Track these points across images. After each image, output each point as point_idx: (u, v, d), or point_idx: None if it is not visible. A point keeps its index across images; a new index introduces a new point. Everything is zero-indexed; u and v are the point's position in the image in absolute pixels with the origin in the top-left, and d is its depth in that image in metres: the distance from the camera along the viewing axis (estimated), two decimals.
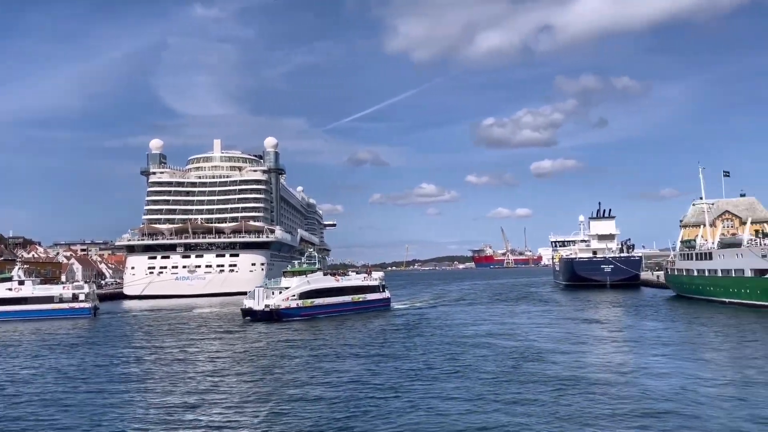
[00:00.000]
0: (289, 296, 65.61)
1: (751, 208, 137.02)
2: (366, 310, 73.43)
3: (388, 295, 79.54)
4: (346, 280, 75.37)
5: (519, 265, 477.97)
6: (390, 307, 78.21)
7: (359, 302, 73.61)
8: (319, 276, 71.66)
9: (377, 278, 79.33)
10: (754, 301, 68.24)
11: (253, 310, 64.97)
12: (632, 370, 33.45)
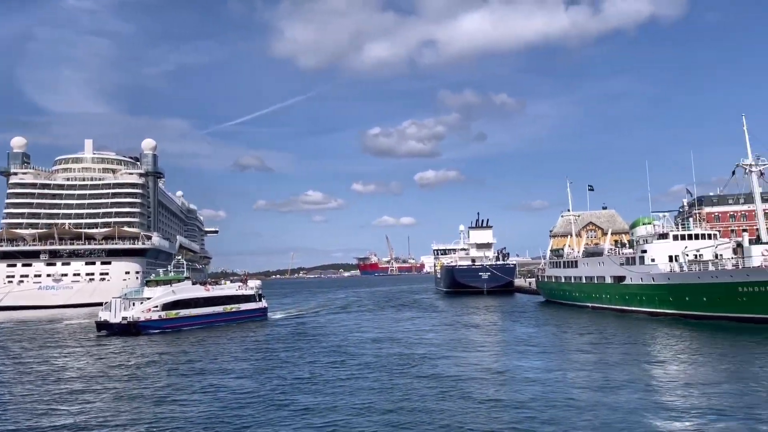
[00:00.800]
0: (151, 307, 60.73)
1: (611, 220, 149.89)
2: (240, 320, 69.91)
3: (265, 305, 76.82)
4: (217, 290, 71.59)
5: (403, 272, 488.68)
6: (267, 318, 75.81)
7: (232, 313, 69.83)
8: (187, 285, 67.80)
9: (253, 287, 76.36)
10: (613, 305, 74.67)
11: (108, 323, 59.79)
12: (506, 371, 35.34)
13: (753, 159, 59.85)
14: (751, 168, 59.69)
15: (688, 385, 29.89)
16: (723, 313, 55.55)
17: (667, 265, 64.97)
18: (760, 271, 52.41)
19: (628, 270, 71.16)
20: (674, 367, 35.45)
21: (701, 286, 58.43)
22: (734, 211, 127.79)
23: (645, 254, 68.45)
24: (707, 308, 57.66)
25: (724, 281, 55.60)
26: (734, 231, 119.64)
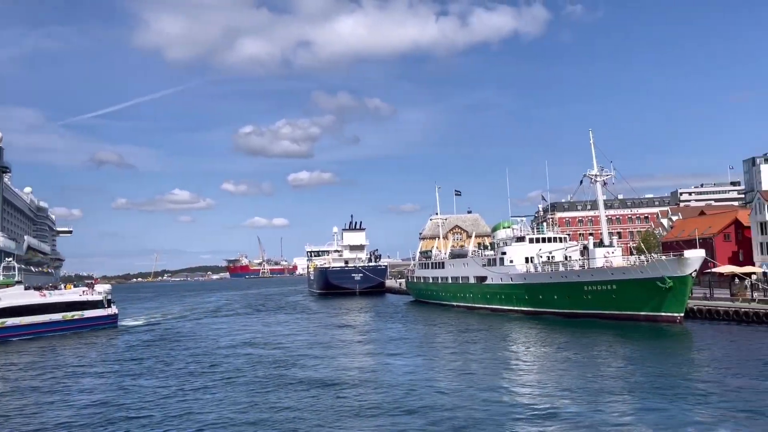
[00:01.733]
0: None
1: (476, 224, 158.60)
2: (83, 329, 64.19)
3: (115, 311, 70.58)
4: (56, 295, 65.47)
5: (275, 274, 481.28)
6: (117, 325, 70.00)
7: (73, 321, 63.89)
8: (18, 291, 61.72)
9: (102, 292, 69.88)
10: (476, 304, 79.23)
11: None
12: (378, 369, 36.48)
13: (598, 170, 66.38)
14: (596, 178, 66.18)
15: (541, 374, 32.76)
16: (571, 309, 61.02)
17: (524, 266, 70.12)
18: (603, 271, 58.27)
19: (489, 271, 75.85)
20: (528, 359, 38.59)
21: (553, 286, 63.78)
22: (582, 216, 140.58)
23: (504, 256, 73.35)
24: (558, 305, 63.05)
25: (572, 281, 61.13)
26: (582, 234, 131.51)
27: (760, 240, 78.71)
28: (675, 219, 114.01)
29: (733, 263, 77.18)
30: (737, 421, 22.49)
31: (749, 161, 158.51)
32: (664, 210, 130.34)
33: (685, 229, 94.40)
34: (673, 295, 51.79)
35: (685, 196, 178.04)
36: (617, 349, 41.03)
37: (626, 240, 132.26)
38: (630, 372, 32.80)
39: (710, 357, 36.64)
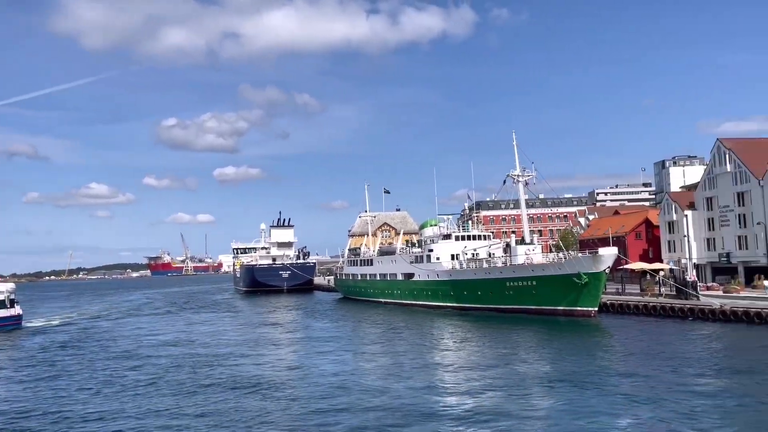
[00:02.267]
0: None
1: (404, 221, 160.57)
2: None
3: (19, 312, 66.82)
4: None
5: (199, 272, 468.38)
6: (21, 326, 66.14)
7: None
8: None
9: (3, 291, 65.83)
10: (403, 300, 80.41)
11: None
12: (307, 366, 36.49)
13: (520, 170, 68.91)
14: (519, 178, 68.68)
15: (466, 367, 33.83)
16: (495, 305, 63.08)
17: (449, 263, 71.81)
18: (524, 268, 60.56)
19: (416, 267, 77.16)
20: (453, 352, 39.73)
21: (477, 282, 65.69)
22: (506, 215, 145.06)
23: (431, 253, 74.84)
24: (482, 301, 65.00)
25: (495, 277, 63.20)
26: (506, 232, 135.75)
27: (668, 238, 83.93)
28: (591, 218, 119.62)
29: (643, 260, 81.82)
30: (646, 408, 24.11)
31: (659, 164, 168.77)
32: (581, 209, 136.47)
33: (600, 228, 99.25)
34: (588, 290, 54.53)
35: (601, 197, 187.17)
36: (536, 343, 42.86)
37: (547, 238, 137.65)
38: (548, 364, 34.39)
39: (622, 349, 38.94)
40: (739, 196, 72.07)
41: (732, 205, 72.88)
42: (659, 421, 22.25)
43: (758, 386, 27.10)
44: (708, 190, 77.01)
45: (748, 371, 30.14)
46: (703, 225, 77.73)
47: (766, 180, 67.68)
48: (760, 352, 35.45)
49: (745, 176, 70.93)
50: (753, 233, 69.70)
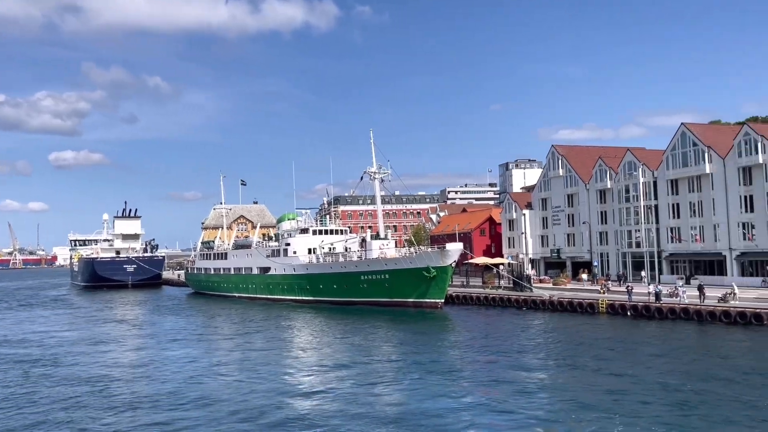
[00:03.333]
0: None
1: (261, 214, 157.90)
2: None
3: None
4: None
5: (29, 265, 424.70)
6: None
7: None
8: None
9: None
10: (259, 294, 79.39)
11: None
12: (153, 364, 34.95)
13: (377, 168, 70.97)
14: (375, 175, 70.72)
15: (320, 359, 34.48)
16: (350, 298, 64.48)
17: (306, 257, 72.14)
18: (378, 262, 62.56)
19: (273, 261, 76.55)
20: (308, 345, 40.22)
21: (333, 276, 66.72)
22: (363, 210, 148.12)
23: (288, 247, 74.66)
24: (338, 294, 66.14)
25: (350, 271, 64.60)
26: (363, 227, 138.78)
27: (508, 235, 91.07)
28: (442, 215, 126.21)
29: (487, 255, 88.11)
30: (485, 389, 26.26)
31: (503, 166, 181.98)
32: (433, 206, 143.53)
33: (450, 225, 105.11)
34: (436, 283, 57.68)
35: (452, 195, 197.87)
36: (388, 333, 44.66)
37: (401, 233, 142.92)
38: (398, 353, 36.09)
39: (464, 336, 41.84)
40: (569, 198, 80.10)
41: (563, 206, 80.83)
42: (496, 401, 24.37)
43: (578, 366, 30.60)
44: (543, 192, 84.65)
45: (572, 355, 33.86)
46: (539, 223, 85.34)
47: (591, 184, 75.88)
48: (579, 337, 39.90)
49: (574, 180, 78.98)
50: (579, 232, 77.87)
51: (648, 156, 71.52)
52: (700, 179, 62.43)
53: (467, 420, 21.83)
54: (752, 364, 29.65)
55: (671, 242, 65.50)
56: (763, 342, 35.91)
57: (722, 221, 59.98)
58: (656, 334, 40.04)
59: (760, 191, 56.79)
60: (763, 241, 56.35)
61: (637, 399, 23.76)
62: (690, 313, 44.13)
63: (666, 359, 31.54)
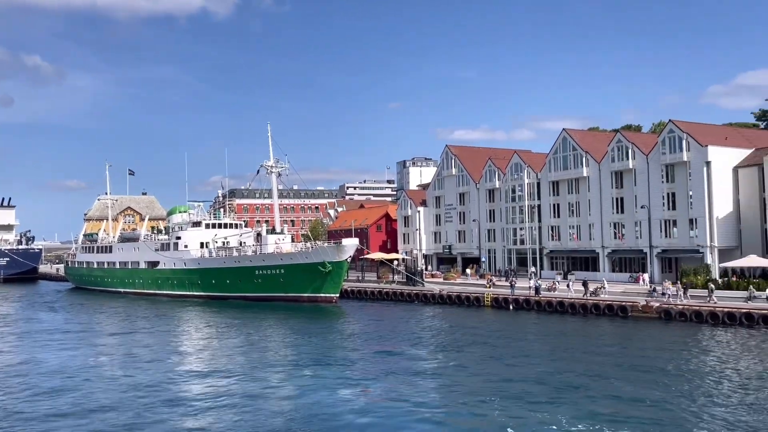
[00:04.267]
0: None
1: (151, 206, 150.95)
2: None
3: None
4: None
5: None
6: None
7: None
8: None
9: None
10: (147, 290, 76.07)
11: None
12: (28, 361, 32.77)
13: (274, 162, 70.16)
14: (272, 169, 69.89)
15: (212, 356, 33.86)
16: (244, 293, 63.45)
17: (198, 251, 70.09)
18: (273, 256, 62.02)
19: (162, 255, 73.68)
20: (199, 341, 39.28)
21: (226, 270, 65.34)
22: (260, 204, 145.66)
23: (179, 240, 72.17)
24: (231, 289, 64.86)
25: (244, 265, 63.58)
26: (259, 221, 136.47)
27: (403, 231, 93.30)
28: (340, 210, 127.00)
29: (383, 251, 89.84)
30: (377, 379, 27.01)
31: (401, 163, 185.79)
32: (332, 202, 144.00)
33: (347, 220, 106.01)
34: (331, 278, 58.13)
35: (350, 190, 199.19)
36: (282, 328, 44.56)
37: (299, 228, 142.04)
38: (293, 347, 36.18)
39: (358, 330, 42.60)
40: (460, 197, 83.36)
41: (455, 204, 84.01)
42: (389, 390, 25.19)
43: (464, 354, 32.19)
44: (437, 190, 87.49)
45: (456, 344, 35.51)
46: (432, 220, 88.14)
47: (481, 184, 79.42)
48: (464, 328, 41.87)
49: (465, 179, 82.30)
50: (470, 229, 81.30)
51: (533, 158, 75.98)
52: (578, 182, 67.23)
53: (359, 410, 22.43)
54: (615, 351, 32.58)
55: (551, 240, 70.03)
56: (626, 330, 39.47)
57: (596, 221, 64.98)
58: (535, 325, 42.84)
59: (629, 194, 62.08)
60: (631, 240, 61.70)
61: (515, 382, 25.44)
62: (565, 305, 47.57)
63: (542, 346, 33.91)
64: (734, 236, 55.78)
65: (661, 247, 58.93)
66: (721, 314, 39.64)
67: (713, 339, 35.33)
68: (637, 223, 60.92)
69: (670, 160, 57.75)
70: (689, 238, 56.41)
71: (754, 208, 54.60)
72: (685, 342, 34.79)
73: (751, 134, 66.53)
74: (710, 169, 55.03)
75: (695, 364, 29.02)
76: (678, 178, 57.69)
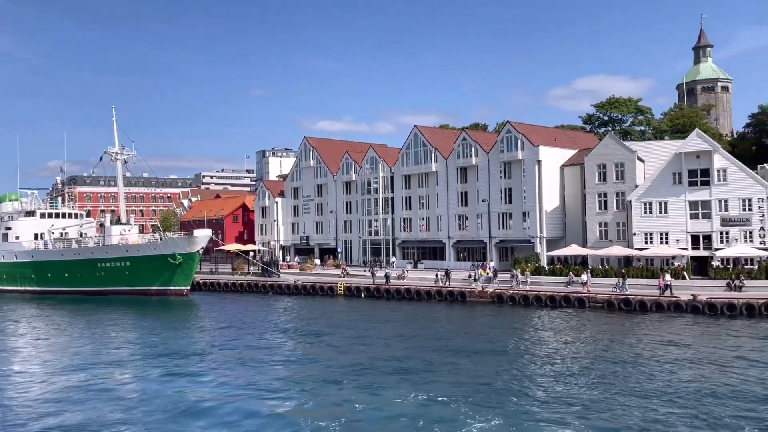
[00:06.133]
0: None
1: None
2: None
3: None
4: None
5: None
6: None
7: None
8: None
9: None
10: None
11: None
12: None
13: (119, 148, 66.28)
14: (117, 156, 65.98)
15: (51, 355, 31.80)
16: (84, 287, 59.57)
17: (32, 243, 64.56)
18: (118, 248, 58.85)
19: None
20: (33, 342, 36.54)
21: (64, 263, 60.88)
22: (104, 192, 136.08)
23: (9, 231, 66.07)
24: (69, 284, 60.57)
25: (85, 258, 59.67)
26: (104, 211, 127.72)
27: (261, 222, 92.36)
28: (195, 200, 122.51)
29: (239, 242, 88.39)
30: (227, 369, 27.10)
31: (261, 153, 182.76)
32: (186, 191, 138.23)
33: (202, 210, 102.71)
34: (182, 270, 56.47)
35: (207, 179, 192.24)
36: (126, 322, 42.71)
37: (150, 218, 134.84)
38: (139, 342, 34.97)
39: (209, 322, 42.08)
40: (318, 188, 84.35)
41: (313, 195, 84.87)
42: (239, 378, 25.48)
43: (312, 342, 33.21)
44: (295, 181, 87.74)
45: (306, 332, 36.46)
46: (290, 211, 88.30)
47: (338, 176, 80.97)
48: (313, 317, 43.01)
49: (323, 171, 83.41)
50: (327, 220, 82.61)
51: (388, 152, 78.90)
52: (428, 176, 71.03)
53: (208, 400, 22.53)
54: (451, 327, 35.43)
55: (403, 231, 73.39)
56: (463, 313, 42.88)
57: (443, 213, 69.16)
58: (382, 312, 44.99)
59: (472, 188, 66.78)
60: (474, 231, 66.51)
61: (365, 362, 26.87)
62: (411, 293, 50.45)
63: (391, 329, 35.91)
64: (560, 228, 62.28)
65: (499, 237, 64.21)
66: (544, 298, 44.48)
67: (537, 318, 39.58)
68: (479, 215, 65.82)
69: (507, 158, 63.06)
70: (523, 229, 62.06)
71: (576, 203, 61.26)
72: (512, 322, 38.67)
73: (576, 136, 74.42)
74: (541, 167, 60.91)
75: (513, 339, 32.47)
76: (514, 175, 63.15)
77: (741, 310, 38.21)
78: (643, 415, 19.80)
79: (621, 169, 55.67)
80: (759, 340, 31.93)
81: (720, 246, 50.00)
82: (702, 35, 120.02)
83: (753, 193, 49.90)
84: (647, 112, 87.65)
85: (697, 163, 51.47)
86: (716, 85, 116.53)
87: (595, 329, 35.69)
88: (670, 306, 40.30)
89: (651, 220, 52.66)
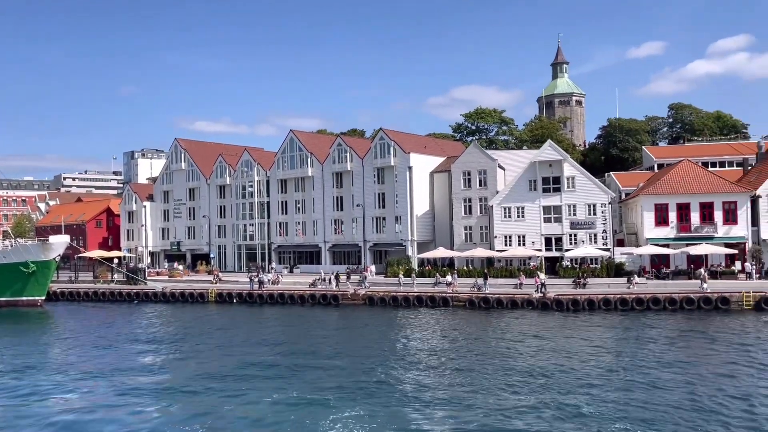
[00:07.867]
0: None
1: None
2: None
3: None
4: None
5: None
6: None
7: None
8: None
9: None
10: None
11: None
12: None
13: None
14: None
15: None
16: None
17: None
18: None
19: None
20: None
21: None
22: None
23: None
24: None
25: None
26: None
27: (127, 227, 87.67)
28: (53, 204, 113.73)
29: (103, 248, 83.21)
30: (74, 385, 25.73)
31: (129, 154, 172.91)
32: (43, 194, 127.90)
33: (61, 215, 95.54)
34: (36, 279, 52.50)
35: (69, 182, 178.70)
36: None
37: (1, 223, 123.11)
38: None
39: (67, 334, 39.48)
40: (190, 192, 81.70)
41: (184, 199, 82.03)
42: (98, 392, 24.33)
43: (176, 351, 32.38)
44: (165, 184, 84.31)
45: (171, 339, 35.45)
46: (160, 216, 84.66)
47: (212, 179, 78.96)
48: (181, 324, 41.91)
49: (196, 174, 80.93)
50: (200, 225, 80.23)
51: (264, 156, 78.18)
52: (305, 181, 71.33)
53: (66, 414, 21.42)
54: (324, 331, 36.11)
55: (279, 236, 73.09)
56: (335, 316, 43.74)
57: (320, 218, 69.77)
58: (254, 317, 44.71)
59: (347, 193, 68.01)
60: (349, 235, 67.74)
61: (231, 368, 26.68)
62: (285, 297, 50.54)
63: (261, 333, 35.85)
64: (430, 231, 65.16)
65: (373, 240, 65.91)
66: (412, 298, 46.52)
67: (404, 319, 41.32)
68: (354, 219, 67.17)
69: (381, 164, 64.99)
70: (395, 233, 64.22)
71: (444, 208, 64.41)
72: (381, 322, 40.12)
73: (446, 144, 78.21)
74: (412, 173, 63.40)
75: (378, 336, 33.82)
76: (387, 180, 65.18)
77: (583, 306, 42.37)
78: (509, 401, 21.61)
79: (484, 176, 59.41)
80: (598, 328, 35.70)
81: (569, 247, 54.90)
82: (559, 52, 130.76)
83: (597, 198, 55.28)
84: (510, 122, 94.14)
85: (550, 171, 56.15)
86: (571, 99, 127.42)
87: (456, 326, 38.00)
88: (524, 303, 43.81)
89: (510, 223, 56.65)
